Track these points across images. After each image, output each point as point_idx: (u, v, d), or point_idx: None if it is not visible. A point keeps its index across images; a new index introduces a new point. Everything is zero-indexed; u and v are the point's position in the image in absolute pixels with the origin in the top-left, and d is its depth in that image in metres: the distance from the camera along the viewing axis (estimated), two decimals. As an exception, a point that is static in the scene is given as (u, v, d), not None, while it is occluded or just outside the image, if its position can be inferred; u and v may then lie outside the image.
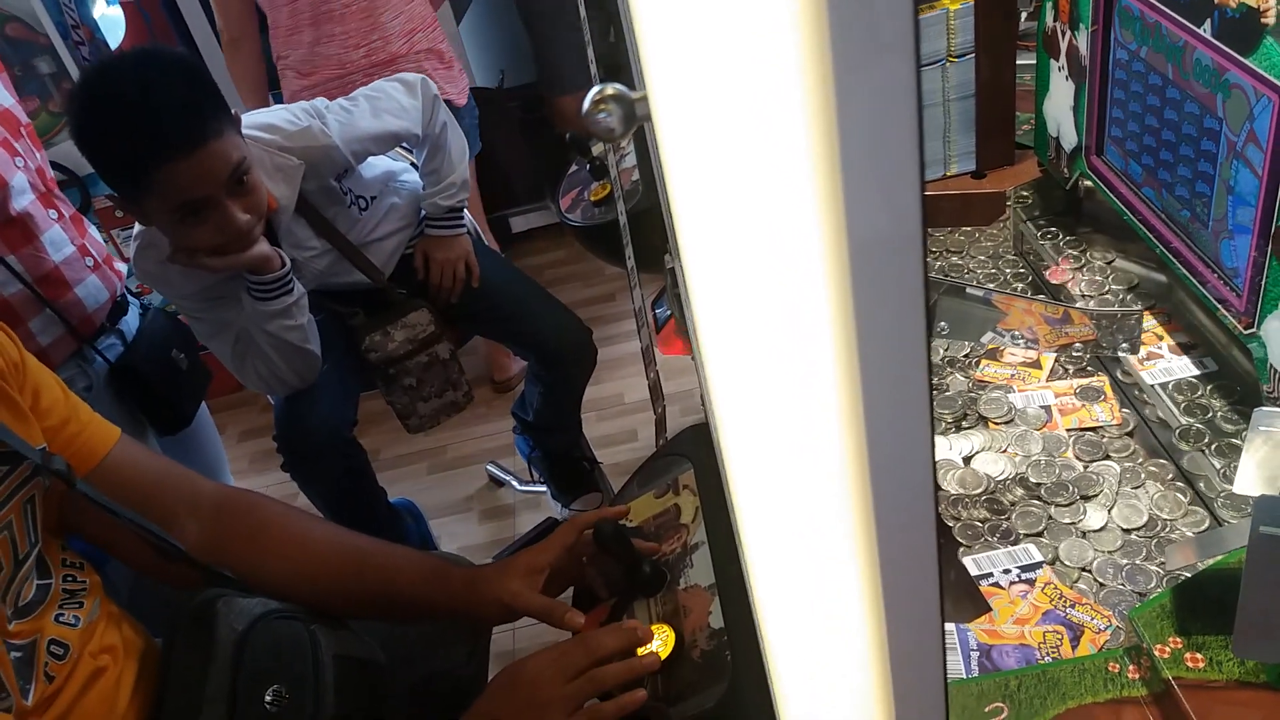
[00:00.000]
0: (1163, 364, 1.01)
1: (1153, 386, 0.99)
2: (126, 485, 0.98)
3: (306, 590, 1.02)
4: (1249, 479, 0.72)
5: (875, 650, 0.40)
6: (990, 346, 1.12)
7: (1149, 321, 1.06)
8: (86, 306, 1.53)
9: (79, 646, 0.88)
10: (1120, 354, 1.02)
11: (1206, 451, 0.93)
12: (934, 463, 0.34)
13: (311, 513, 1.41)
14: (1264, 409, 0.77)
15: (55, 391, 0.97)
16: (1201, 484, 0.92)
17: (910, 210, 0.29)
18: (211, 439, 1.89)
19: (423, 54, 2.12)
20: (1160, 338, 1.04)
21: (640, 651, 0.92)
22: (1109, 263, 1.17)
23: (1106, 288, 1.15)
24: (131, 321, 1.64)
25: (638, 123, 0.34)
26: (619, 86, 0.35)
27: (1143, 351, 1.03)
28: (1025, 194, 1.29)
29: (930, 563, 0.36)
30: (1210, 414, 0.96)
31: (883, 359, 0.31)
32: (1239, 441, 0.92)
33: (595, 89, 0.35)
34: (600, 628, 0.94)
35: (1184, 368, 1.02)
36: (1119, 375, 1.05)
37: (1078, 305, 1.11)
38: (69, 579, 0.91)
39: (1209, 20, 0.83)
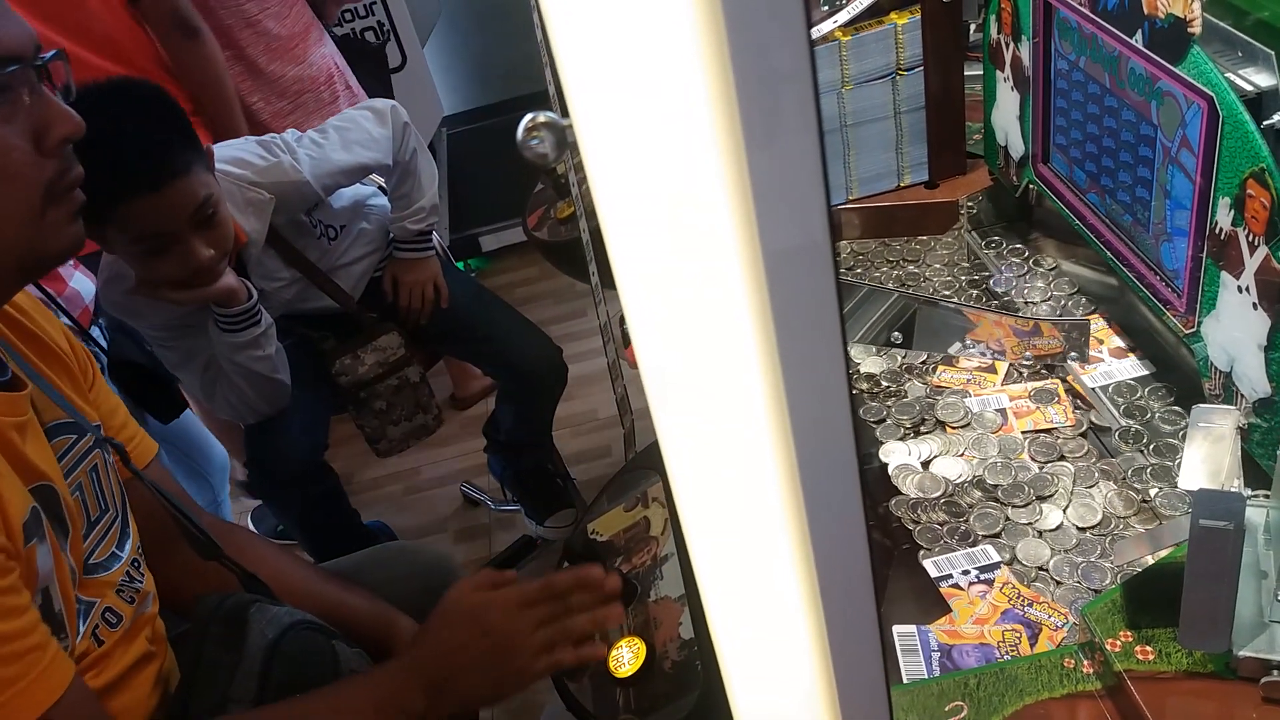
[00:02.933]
0: (1103, 367, 1.04)
1: (1094, 390, 1.01)
2: (164, 492, 1.03)
3: None
4: (1191, 474, 0.74)
5: (818, 650, 0.42)
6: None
7: (1095, 324, 1.09)
8: (84, 298, 1.62)
9: (130, 621, 0.91)
10: (1070, 362, 1.04)
11: (1145, 452, 0.96)
12: (859, 464, 0.35)
13: (292, 552, 1.43)
14: (1203, 406, 0.79)
15: (105, 388, 1.02)
16: (1140, 483, 0.94)
17: (817, 221, 0.30)
18: (203, 433, 1.92)
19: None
20: (1100, 341, 1.07)
21: (610, 662, 0.94)
22: (1053, 269, 1.19)
23: (1049, 293, 1.18)
24: None
25: (568, 148, 0.35)
26: (550, 115, 0.37)
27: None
28: (974, 203, 1.32)
29: (862, 558, 0.37)
30: (1149, 415, 0.98)
31: (802, 359, 0.32)
32: (1176, 441, 0.95)
33: (528, 116, 0.37)
34: (564, 573, 0.95)
35: (1125, 370, 1.04)
36: (1069, 380, 1.07)
37: (1020, 314, 1.14)
38: (135, 564, 0.94)
39: (1140, 31, 0.86)
